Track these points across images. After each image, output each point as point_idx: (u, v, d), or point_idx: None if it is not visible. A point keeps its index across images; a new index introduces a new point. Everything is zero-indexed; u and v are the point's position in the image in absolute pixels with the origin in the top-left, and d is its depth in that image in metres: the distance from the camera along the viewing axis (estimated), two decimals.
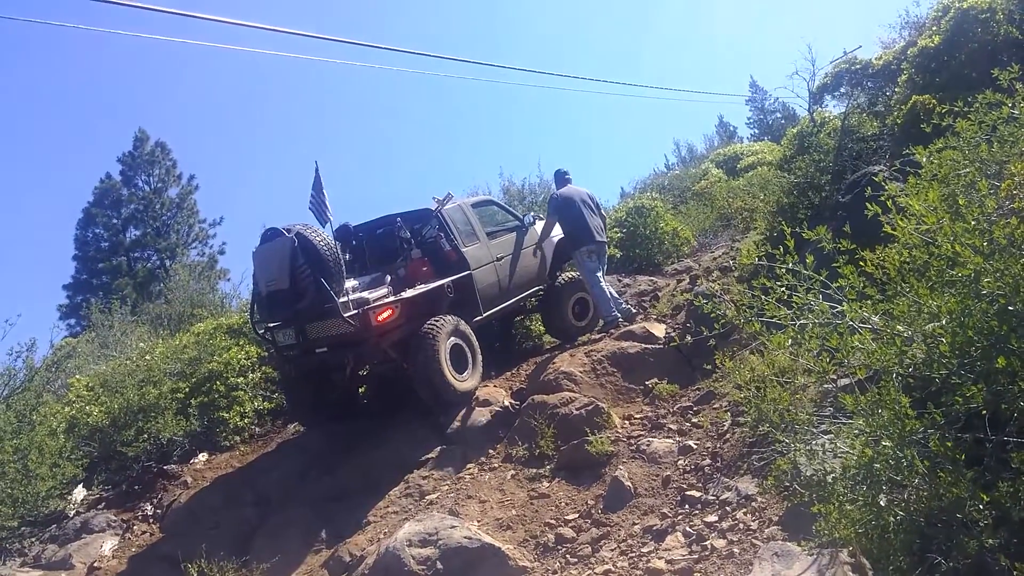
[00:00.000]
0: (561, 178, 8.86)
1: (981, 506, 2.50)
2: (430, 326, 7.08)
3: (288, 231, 6.81)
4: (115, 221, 29.96)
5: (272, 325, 7.54)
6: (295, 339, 7.27)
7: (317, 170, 7.36)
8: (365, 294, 7.09)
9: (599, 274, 8.42)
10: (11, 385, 7.65)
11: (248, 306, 8.69)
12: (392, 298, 7.17)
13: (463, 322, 7.48)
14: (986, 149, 3.58)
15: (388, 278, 7.64)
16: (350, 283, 7.11)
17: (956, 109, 4.00)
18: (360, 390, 8.91)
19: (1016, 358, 2.51)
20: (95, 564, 6.49)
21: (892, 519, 2.68)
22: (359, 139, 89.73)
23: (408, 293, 7.26)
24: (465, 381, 7.26)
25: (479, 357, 7.58)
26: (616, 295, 8.64)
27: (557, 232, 9.07)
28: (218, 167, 58.72)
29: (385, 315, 6.93)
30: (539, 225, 9.11)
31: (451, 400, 7.10)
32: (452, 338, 7.22)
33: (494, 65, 20.08)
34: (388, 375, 8.20)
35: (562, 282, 9.24)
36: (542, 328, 9.89)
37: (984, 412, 2.60)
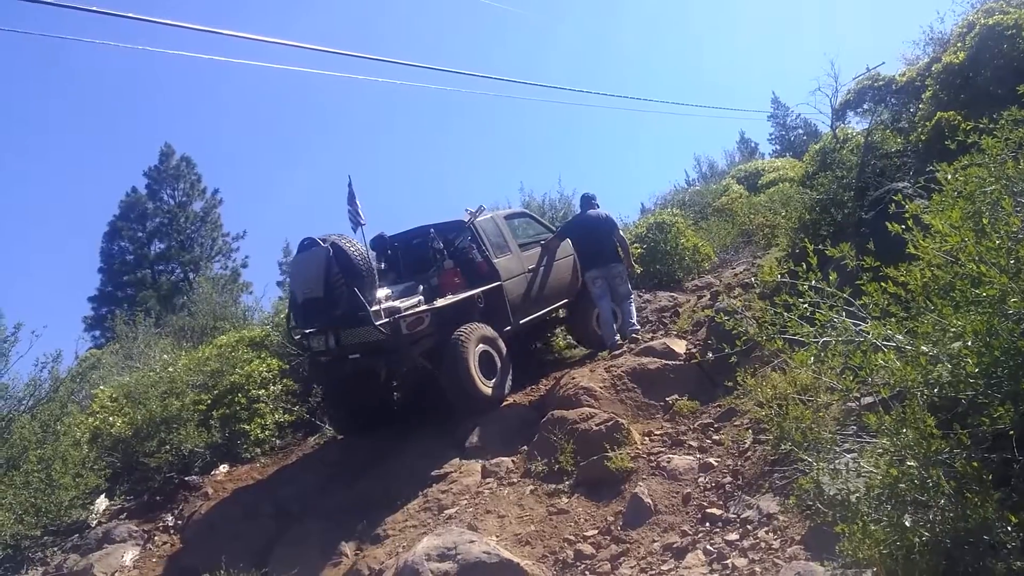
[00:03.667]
0: (587, 202, 8.99)
1: (1009, 528, 2.46)
2: (460, 332, 7.26)
3: (323, 241, 6.99)
4: (140, 234, 30.52)
5: (307, 331, 7.73)
6: (329, 345, 7.45)
7: (350, 184, 7.57)
8: (397, 303, 7.23)
9: (607, 299, 8.58)
10: (36, 396, 7.76)
11: (283, 316, 8.88)
12: (423, 307, 7.31)
13: (492, 330, 7.63)
14: (1012, 166, 3.54)
15: (421, 287, 7.78)
16: (383, 292, 7.27)
17: (981, 126, 3.96)
18: (395, 396, 9.04)
19: None
20: (116, 574, 6.55)
21: (917, 540, 2.64)
22: (379, 153, 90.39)
23: (439, 303, 7.43)
24: (494, 388, 7.39)
25: (508, 365, 7.70)
26: (634, 314, 8.67)
27: None
28: (242, 181, 59.50)
29: (415, 323, 7.07)
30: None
31: (480, 405, 7.24)
32: (481, 344, 7.40)
33: (515, 81, 20.18)
34: (419, 382, 8.34)
35: (586, 295, 9.29)
36: (562, 343, 9.91)
37: (1012, 433, 2.57)
